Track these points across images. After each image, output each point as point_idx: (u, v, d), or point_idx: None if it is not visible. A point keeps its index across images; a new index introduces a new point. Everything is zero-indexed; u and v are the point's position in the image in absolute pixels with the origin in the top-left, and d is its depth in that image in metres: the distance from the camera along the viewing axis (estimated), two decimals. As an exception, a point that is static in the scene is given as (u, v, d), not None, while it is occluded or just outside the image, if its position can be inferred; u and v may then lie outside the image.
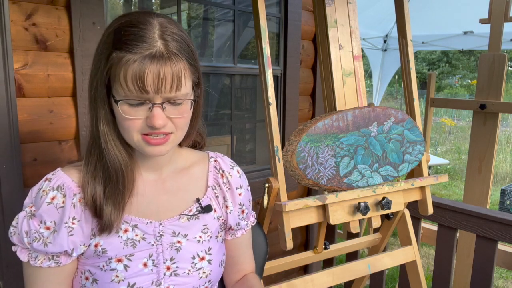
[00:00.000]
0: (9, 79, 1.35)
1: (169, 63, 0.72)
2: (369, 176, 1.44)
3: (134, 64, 0.71)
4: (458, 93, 17.98)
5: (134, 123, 0.75)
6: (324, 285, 1.47)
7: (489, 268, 1.71)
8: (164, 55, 0.72)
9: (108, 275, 0.80)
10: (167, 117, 0.75)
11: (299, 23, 2.32)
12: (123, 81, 0.72)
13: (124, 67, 0.71)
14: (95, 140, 0.80)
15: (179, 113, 0.77)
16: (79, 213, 0.80)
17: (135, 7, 1.98)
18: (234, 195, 0.95)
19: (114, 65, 0.73)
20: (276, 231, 2.32)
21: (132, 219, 0.83)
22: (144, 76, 0.71)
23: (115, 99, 0.74)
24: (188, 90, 0.77)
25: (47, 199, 0.78)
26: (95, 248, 0.80)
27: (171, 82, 0.72)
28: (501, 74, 2.41)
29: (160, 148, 0.77)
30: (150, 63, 0.71)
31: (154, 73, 0.71)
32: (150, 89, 0.71)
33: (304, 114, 2.50)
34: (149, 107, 0.74)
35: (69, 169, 0.83)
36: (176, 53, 0.73)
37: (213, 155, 0.98)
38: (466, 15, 4.79)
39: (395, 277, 3.26)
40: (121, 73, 0.72)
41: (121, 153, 0.80)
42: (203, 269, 0.87)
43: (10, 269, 1.41)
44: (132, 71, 0.71)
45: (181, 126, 0.79)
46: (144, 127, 0.75)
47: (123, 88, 0.72)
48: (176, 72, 0.73)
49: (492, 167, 2.49)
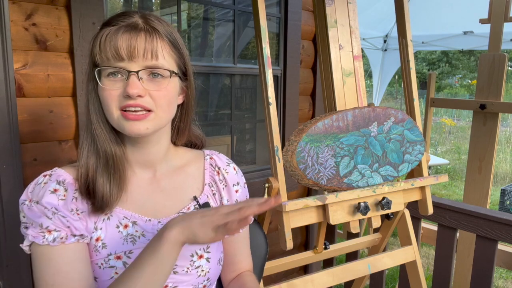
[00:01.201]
0: (9, 79, 1.35)
1: (143, 32, 0.76)
2: (369, 176, 1.44)
3: (111, 33, 0.75)
4: (458, 93, 17.99)
5: (111, 95, 0.76)
6: (324, 285, 1.47)
7: (489, 268, 1.71)
8: (140, 26, 0.76)
9: (108, 272, 0.80)
10: (145, 89, 0.76)
11: (299, 23, 2.32)
12: (100, 49, 0.75)
13: (102, 36, 0.76)
14: (87, 127, 0.82)
15: (157, 87, 0.77)
16: (81, 205, 0.80)
17: (135, 7, 1.98)
18: (231, 192, 0.95)
19: (97, 39, 0.77)
20: (276, 231, 2.33)
21: (131, 215, 0.83)
22: (117, 41, 0.74)
23: (95, 69, 0.77)
24: (169, 66, 0.79)
25: (50, 188, 0.77)
26: (96, 242, 0.80)
27: (144, 49, 0.75)
28: (501, 74, 2.41)
29: (139, 125, 0.77)
30: (125, 30, 0.75)
31: (127, 38, 0.74)
32: (123, 54, 0.74)
33: (304, 114, 2.50)
34: (125, 77, 0.76)
35: (67, 167, 0.83)
36: (154, 28, 0.77)
37: (209, 153, 0.98)
38: (466, 15, 4.79)
39: (395, 277, 3.26)
40: (99, 42, 0.76)
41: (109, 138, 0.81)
42: (201, 267, 0.87)
43: (10, 269, 1.41)
44: (108, 38, 0.75)
45: (161, 104, 0.78)
46: (121, 100, 0.76)
47: (101, 57, 0.76)
48: (151, 41, 0.76)
49: (492, 167, 2.49)
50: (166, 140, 0.88)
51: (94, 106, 0.81)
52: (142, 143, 0.84)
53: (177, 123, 0.92)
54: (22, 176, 1.41)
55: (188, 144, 0.99)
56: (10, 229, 1.39)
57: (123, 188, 0.83)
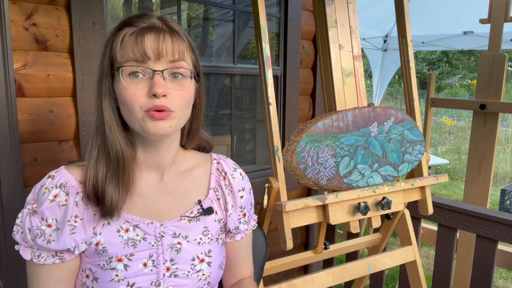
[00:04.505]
0: (9, 79, 1.35)
1: (169, 33, 0.77)
2: (369, 176, 1.44)
3: (134, 33, 0.75)
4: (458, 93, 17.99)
5: (135, 95, 0.75)
6: (324, 285, 1.47)
7: (489, 268, 1.71)
8: (163, 27, 0.77)
9: (108, 274, 0.80)
10: (168, 88, 0.76)
11: (299, 23, 2.32)
12: (123, 48, 0.75)
13: (124, 37, 0.75)
14: (98, 129, 0.81)
15: (179, 87, 0.78)
16: (82, 211, 0.80)
17: (135, 7, 1.98)
18: (236, 198, 0.95)
19: (116, 39, 0.76)
20: (276, 231, 2.32)
21: (133, 218, 0.83)
22: (144, 41, 0.74)
23: (117, 67, 0.76)
24: (189, 67, 0.80)
25: (50, 197, 0.78)
26: (96, 246, 0.80)
27: (171, 49, 0.76)
28: (501, 74, 2.41)
29: (163, 123, 0.76)
30: (149, 31, 0.75)
31: (155, 39, 0.75)
32: (151, 54, 0.74)
33: (304, 114, 2.50)
34: (149, 77, 0.75)
35: (72, 168, 0.83)
36: (176, 31, 0.78)
37: (216, 157, 0.98)
38: (466, 15, 4.79)
39: (395, 277, 3.26)
40: (120, 42, 0.75)
41: (121, 142, 0.80)
42: (202, 271, 0.87)
43: (10, 269, 1.41)
44: (132, 38, 0.75)
45: (181, 104, 0.78)
46: (146, 100, 0.75)
47: (123, 56, 0.75)
48: (176, 42, 0.77)
49: (492, 167, 2.49)
50: (176, 144, 0.89)
51: (110, 108, 0.79)
52: (155, 146, 0.84)
53: (188, 125, 0.91)
54: (22, 176, 1.41)
55: (196, 148, 0.98)
56: (10, 229, 1.39)
57: (130, 192, 0.83)
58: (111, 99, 0.79)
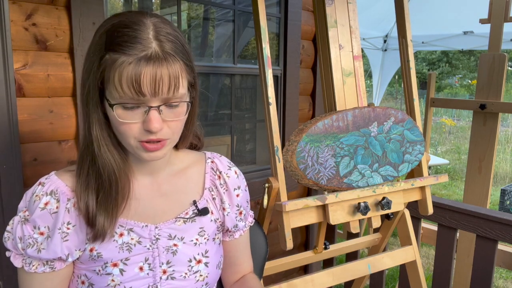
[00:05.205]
0: (9, 79, 1.35)
1: (165, 64, 0.70)
2: (369, 176, 1.44)
3: (129, 67, 0.68)
4: (458, 93, 17.99)
5: (130, 127, 0.73)
6: (324, 285, 1.47)
7: (489, 268, 1.71)
8: (160, 56, 0.69)
9: (104, 279, 0.79)
10: (163, 120, 0.73)
11: (299, 23, 2.32)
12: (118, 84, 0.69)
13: (118, 69, 0.68)
14: (87, 146, 0.77)
15: (175, 116, 0.75)
16: (74, 218, 0.78)
17: (134, 7, 1.98)
18: (232, 197, 0.94)
19: (108, 67, 0.70)
20: (276, 231, 2.33)
21: (127, 222, 0.82)
22: (140, 79, 0.68)
23: (110, 103, 0.71)
24: (185, 91, 0.75)
25: (41, 205, 0.76)
26: (90, 252, 0.80)
27: (168, 84, 0.70)
28: (501, 74, 2.41)
29: (157, 153, 0.76)
30: (146, 65, 0.68)
31: (151, 75, 0.68)
32: (147, 92, 0.69)
33: (304, 114, 2.50)
34: (145, 111, 0.72)
35: (63, 174, 0.81)
36: (172, 54, 0.71)
37: (210, 156, 0.96)
38: (466, 15, 4.79)
39: (395, 277, 3.26)
40: (115, 76, 0.69)
41: (114, 158, 0.78)
42: (199, 272, 0.86)
43: (10, 269, 1.41)
44: (127, 74, 0.68)
45: (176, 130, 0.77)
46: (141, 133, 0.73)
47: (118, 92, 0.69)
48: (173, 73, 0.71)
49: (492, 167, 2.49)
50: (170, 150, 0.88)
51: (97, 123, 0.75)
52: None
53: None
54: (22, 176, 1.41)
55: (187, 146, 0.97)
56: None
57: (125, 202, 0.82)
58: (100, 113, 0.75)
